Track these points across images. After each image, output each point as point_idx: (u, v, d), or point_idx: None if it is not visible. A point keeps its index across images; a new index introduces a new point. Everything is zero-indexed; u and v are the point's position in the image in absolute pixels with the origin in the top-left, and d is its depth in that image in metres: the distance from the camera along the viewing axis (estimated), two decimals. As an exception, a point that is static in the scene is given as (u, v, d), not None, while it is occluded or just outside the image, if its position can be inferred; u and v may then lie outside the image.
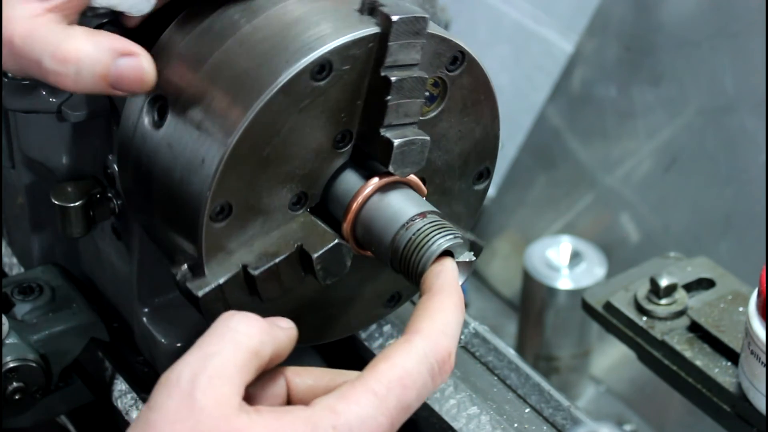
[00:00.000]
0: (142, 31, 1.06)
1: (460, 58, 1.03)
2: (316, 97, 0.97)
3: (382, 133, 1.00)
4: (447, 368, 0.91)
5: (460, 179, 1.10)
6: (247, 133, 0.96)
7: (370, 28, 0.97)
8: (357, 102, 0.99)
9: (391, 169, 1.00)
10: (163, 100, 1.01)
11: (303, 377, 0.94)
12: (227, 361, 0.88)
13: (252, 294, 1.01)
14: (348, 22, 0.98)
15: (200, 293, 0.99)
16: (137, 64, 0.98)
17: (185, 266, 1.01)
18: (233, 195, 0.98)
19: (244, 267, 1.00)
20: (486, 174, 1.12)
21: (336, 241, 1.00)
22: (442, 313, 0.92)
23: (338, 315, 1.12)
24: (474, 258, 1.00)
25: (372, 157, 1.03)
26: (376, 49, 0.98)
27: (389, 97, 0.98)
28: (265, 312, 0.95)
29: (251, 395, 0.92)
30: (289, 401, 0.95)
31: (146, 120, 1.02)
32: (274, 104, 0.95)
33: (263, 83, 0.96)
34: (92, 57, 0.97)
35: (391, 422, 0.88)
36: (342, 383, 0.91)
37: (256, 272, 0.99)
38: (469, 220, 1.14)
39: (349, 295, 1.11)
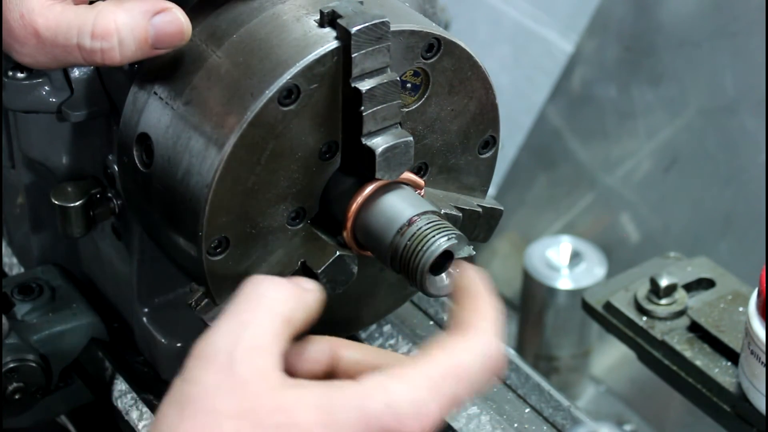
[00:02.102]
0: None
1: (435, 44, 1.02)
2: (291, 120, 0.97)
3: (364, 142, 0.99)
4: (500, 366, 0.89)
5: (464, 153, 1.09)
6: (225, 171, 0.96)
7: (331, 43, 0.97)
8: (335, 113, 0.99)
9: (378, 176, 1.00)
10: (149, 138, 1.02)
11: (351, 350, 0.92)
12: (263, 330, 0.85)
13: None
14: (308, 40, 0.97)
15: (212, 322, 0.98)
16: (173, 17, 0.99)
17: (198, 295, 1.02)
18: (227, 229, 0.98)
19: None
20: (492, 142, 1.10)
21: (337, 254, 1.00)
22: (492, 314, 0.90)
23: (371, 300, 1.13)
24: (473, 252, 1.00)
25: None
26: (341, 61, 0.97)
27: (363, 108, 0.98)
28: None
29: (290, 360, 0.89)
30: (334, 374, 0.93)
31: (135, 157, 1.03)
32: (246, 139, 0.95)
33: (233, 120, 0.96)
34: (129, 23, 0.98)
35: (441, 411, 0.85)
36: (387, 363, 0.90)
37: None
38: (483, 188, 1.13)
39: (375, 279, 1.11)
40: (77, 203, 1.16)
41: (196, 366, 0.84)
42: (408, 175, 1.04)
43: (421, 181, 1.05)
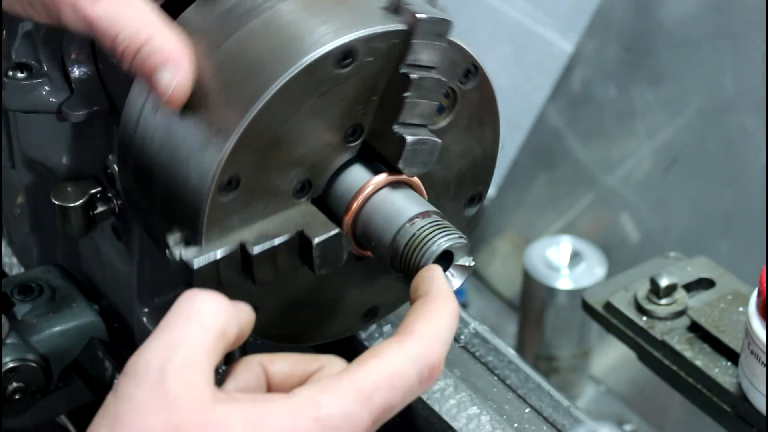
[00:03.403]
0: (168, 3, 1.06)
1: (473, 71, 1.04)
2: (337, 84, 0.98)
3: (396, 130, 1.00)
4: (436, 374, 0.89)
5: (453, 199, 1.10)
6: (267, 107, 0.96)
7: (396, 25, 0.99)
8: (373, 97, 1.00)
9: (400, 165, 1.01)
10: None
11: (278, 364, 0.92)
12: (195, 346, 0.85)
13: (245, 275, 0.99)
14: (374, 17, 0.99)
15: (196, 265, 0.97)
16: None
17: (179, 235, 0.99)
18: (243, 169, 0.97)
19: (243, 245, 0.98)
20: (477, 199, 1.12)
21: (337, 230, 1.00)
22: (439, 318, 0.90)
23: (316, 319, 1.12)
24: (473, 263, 1.00)
25: (379, 158, 1.04)
26: (399, 46, 0.99)
27: (407, 94, 0.99)
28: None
29: (229, 388, 0.90)
30: (269, 390, 0.92)
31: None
32: (296, 83, 0.96)
33: (288, 61, 0.96)
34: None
35: (374, 420, 0.86)
36: (317, 368, 0.90)
37: (254, 251, 0.98)
38: None
39: (330, 299, 1.10)
40: (77, 203, 1.16)
41: (128, 383, 0.84)
42: (417, 180, 1.05)
43: (424, 192, 1.05)
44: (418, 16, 0.98)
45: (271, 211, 1.01)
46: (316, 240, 0.98)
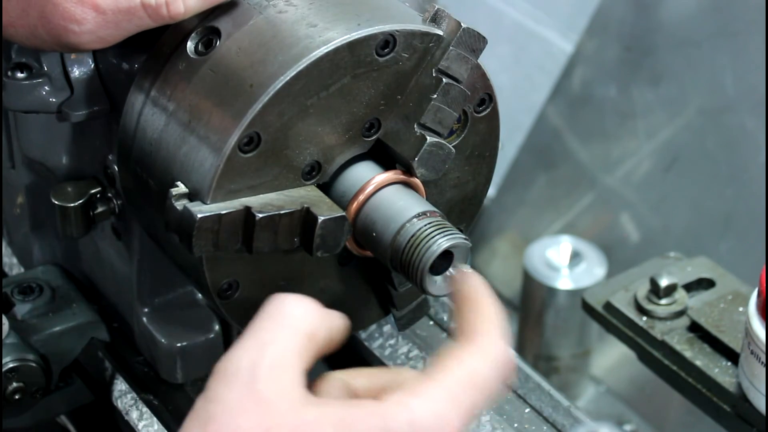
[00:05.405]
0: None
1: (487, 101, 1.07)
2: (372, 70, 1.00)
3: (416, 129, 1.03)
4: (511, 374, 0.90)
5: None
6: (306, 71, 0.97)
7: (435, 29, 1.02)
8: (398, 96, 1.02)
9: (414, 164, 1.03)
10: (216, 32, 1.02)
11: (359, 380, 0.92)
12: (285, 348, 0.85)
13: (244, 242, 0.99)
14: (417, 20, 1.03)
15: (199, 216, 0.96)
16: None
17: (183, 189, 0.99)
18: (267, 129, 0.98)
19: (248, 208, 0.98)
20: None
21: (343, 213, 1.00)
22: (497, 315, 0.91)
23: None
24: (470, 270, 1.00)
25: (388, 160, 1.04)
26: (434, 51, 1.02)
27: (434, 96, 1.02)
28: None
29: None
30: None
31: (189, 46, 1.03)
32: (338, 56, 0.98)
33: (332, 35, 0.98)
34: None
35: (462, 423, 0.86)
36: (391, 379, 0.90)
37: (260, 215, 0.98)
38: None
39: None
40: (77, 203, 1.16)
41: (219, 384, 0.85)
42: (420, 184, 1.05)
43: (422, 186, 1.05)
44: (462, 24, 1.01)
45: (279, 186, 1.01)
46: (321, 218, 0.99)
